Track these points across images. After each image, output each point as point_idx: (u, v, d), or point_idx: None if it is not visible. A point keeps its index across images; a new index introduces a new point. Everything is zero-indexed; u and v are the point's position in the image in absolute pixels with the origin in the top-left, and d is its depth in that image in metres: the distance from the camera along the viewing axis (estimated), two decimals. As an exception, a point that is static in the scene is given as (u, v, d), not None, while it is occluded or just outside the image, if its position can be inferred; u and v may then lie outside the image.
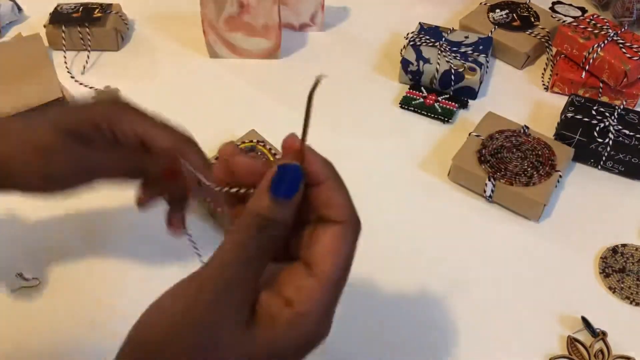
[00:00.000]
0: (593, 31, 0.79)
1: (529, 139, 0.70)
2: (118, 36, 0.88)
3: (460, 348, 0.57)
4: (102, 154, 0.45)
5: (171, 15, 0.95)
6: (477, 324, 0.59)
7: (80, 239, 0.64)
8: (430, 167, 0.73)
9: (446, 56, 0.80)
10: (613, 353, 0.56)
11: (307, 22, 0.91)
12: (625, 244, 0.65)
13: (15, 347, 0.56)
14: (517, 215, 0.68)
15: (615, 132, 0.70)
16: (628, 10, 0.90)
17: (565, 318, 0.59)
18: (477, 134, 0.71)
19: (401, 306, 0.60)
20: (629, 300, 0.60)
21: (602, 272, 0.63)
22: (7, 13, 0.91)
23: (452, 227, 0.67)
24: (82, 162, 0.44)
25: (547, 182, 0.66)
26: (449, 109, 0.79)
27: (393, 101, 0.81)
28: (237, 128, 0.74)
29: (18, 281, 0.60)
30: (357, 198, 0.73)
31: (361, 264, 0.64)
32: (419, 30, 0.85)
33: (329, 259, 0.32)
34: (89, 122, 0.44)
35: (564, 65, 0.81)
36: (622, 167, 0.71)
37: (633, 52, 0.75)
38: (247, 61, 0.87)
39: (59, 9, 0.88)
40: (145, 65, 0.86)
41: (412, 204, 0.69)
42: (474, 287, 0.62)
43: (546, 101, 0.81)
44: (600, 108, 0.73)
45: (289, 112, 0.80)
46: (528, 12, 0.89)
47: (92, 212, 0.67)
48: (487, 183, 0.67)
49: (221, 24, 0.83)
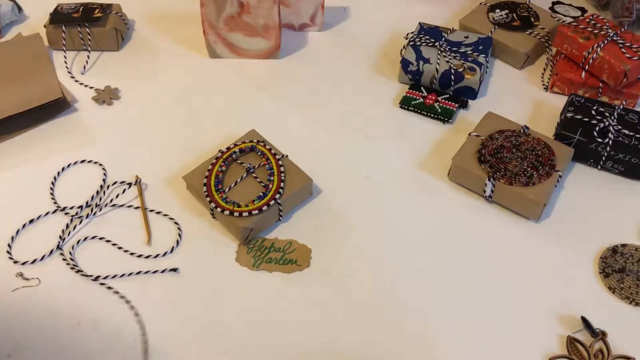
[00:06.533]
0: (593, 31, 0.79)
1: (528, 139, 0.70)
2: (118, 36, 0.88)
3: (460, 347, 0.57)
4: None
5: (171, 15, 0.95)
6: (477, 324, 0.59)
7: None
8: (430, 167, 0.73)
9: (446, 56, 0.80)
10: (613, 353, 0.56)
11: (307, 22, 0.91)
12: (625, 244, 0.65)
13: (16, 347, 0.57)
14: (517, 215, 0.68)
15: (615, 132, 0.70)
16: (628, 10, 0.90)
17: (565, 318, 0.59)
18: (477, 134, 0.71)
19: (401, 305, 0.60)
20: (628, 300, 0.61)
21: (602, 272, 0.63)
22: (7, 13, 0.91)
23: (451, 226, 0.67)
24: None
25: (547, 182, 0.66)
26: (448, 109, 0.79)
27: (393, 101, 0.81)
28: (237, 128, 0.74)
29: (18, 281, 0.61)
30: (358, 198, 0.73)
31: (361, 263, 0.64)
32: (419, 30, 0.85)
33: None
34: None
35: (564, 65, 0.81)
36: (622, 167, 0.71)
37: (633, 52, 0.75)
38: (247, 61, 0.87)
39: (59, 9, 0.88)
40: (145, 65, 0.86)
41: (412, 204, 0.69)
42: (473, 287, 0.62)
43: (546, 101, 0.82)
44: (600, 108, 0.73)
45: (289, 112, 0.80)
46: (528, 12, 0.89)
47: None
48: (487, 183, 0.67)
49: (221, 24, 0.83)
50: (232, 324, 0.58)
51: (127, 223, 0.67)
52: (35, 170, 0.72)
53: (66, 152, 0.74)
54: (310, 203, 0.69)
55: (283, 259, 0.63)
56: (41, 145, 0.75)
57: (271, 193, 0.64)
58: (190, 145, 0.74)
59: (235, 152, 0.69)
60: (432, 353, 0.57)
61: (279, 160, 0.68)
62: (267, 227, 0.66)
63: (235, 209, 0.63)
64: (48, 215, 0.67)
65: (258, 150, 0.69)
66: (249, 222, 0.63)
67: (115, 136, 0.76)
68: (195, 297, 0.60)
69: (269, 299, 0.60)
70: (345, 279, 0.62)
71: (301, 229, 0.66)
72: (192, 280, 0.62)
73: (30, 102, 0.75)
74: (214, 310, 0.59)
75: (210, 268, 0.63)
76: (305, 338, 0.58)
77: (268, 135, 0.72)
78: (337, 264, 0.63)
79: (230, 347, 0.57)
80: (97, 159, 0.73)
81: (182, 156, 0.73)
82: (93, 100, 0.81)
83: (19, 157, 0.74)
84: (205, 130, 0.77)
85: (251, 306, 0.60)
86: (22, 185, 0.70)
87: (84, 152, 0.74)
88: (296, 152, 0.70)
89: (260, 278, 0.62)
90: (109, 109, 0.80)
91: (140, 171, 0.72)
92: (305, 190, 0.68)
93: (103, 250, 0.64)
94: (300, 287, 0.61)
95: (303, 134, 0.77)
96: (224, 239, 0.65)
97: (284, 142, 0.71)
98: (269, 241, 0.65)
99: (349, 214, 0.68)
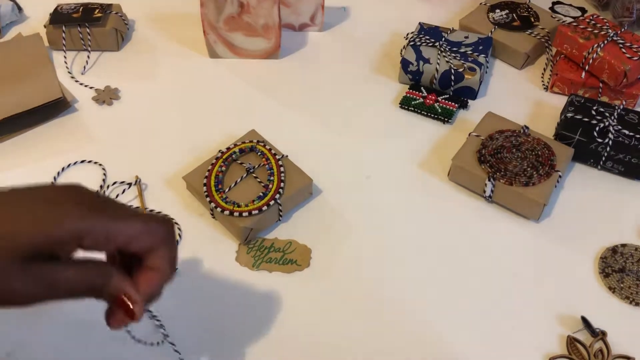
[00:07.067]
0: (593, 31, 0.79)
1: (528, 139, 0.70)
2: (118, 36, 0.88)
3: (460, 348, 0.57)
4: (66, 270, 0.39)
5: (171, 15, 0.95)
6: (477, 324, 0.59)
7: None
8: (430, 167, 0.73)
9: (446, 56, 0.80)
10: (613, 353, 0.56)
11: (307, 22, 0.91)
12: (625, 244, 0.65)
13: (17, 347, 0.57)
14: (517, 215, 0.68)
15: (615, 132, 0.70)
16: (628, 10, 0.90)
17: (565, 318, 0.59)
18: (477, 134, 0.71)
19: (400, 305, 0.60)
20: (628, 300, 0.61)
21: (602, 272, 0.63)
22: (7, 13, 0.91)
23: (452, 227, 0.67)
24: (43, 280, 0.38)
25: (547, 182, 0.66)
26: (448, 109, 0.79)
27: (393, 101, 0.81)
28: (237, 128, 0.74)
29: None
30: (358, 198, 0.73)
31: (361, 263, 0.64)
32: (419, 30, 0.85)
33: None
34: (52, 241, 0.38)
35: (564, 66, 0.81)
36: (621, 167, 0.71)
37: (633, 52, 0.75)
38: (247, 61, 0.87)
39: (59, 9, 0.88)
40: (145, 65, 0.87)
41: (412, 204, 0.69)
42: (473, 287, 0.62)
43: (546, 101, 0.82)
44: (600, 108, 0.73)
45: (289, 112, 0.80)
46: (528, 12, 0.89)
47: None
48: (487, 183, 0.67)
49: (221, 24, 0.83)
50: (232, 323, 0.58)
51: (127, 223, 0.67)
52: (35, 170, 0.72)
53: (66, 152, 0.74)
54: (310, 203, 0.69)
55: (283, 259, 0.63)
56: (41, 145, 0.75)
57: (271, 193, 0.64)
58: (190, 145, 0.74)
59: (235, 152, 0.69)
60: (432, 352, 0.57)
61: (279, 160, 0.68)
62: (267, 227, 0.66)
63: (235, 209, 0.63)
64: (48, 215, 0.67)
65: (258, 151, 0.69)
66: (249, 222, 0.63)
67: (115, 136, 0.76)
68: (195, 296, 0.60)
69: (269, 299, 0.60)
70: (345, 279, 0.62)
71: (301, 229, 0.66)
72: (192, 280, 0.62)
73: (30, 102, 0.75)
74: (213, 310, 0.59)
75: (210, 268, 0.63)
76: (306, 338, 0.58)
77: (268, 135, 0.72)
78: (337, 264, 0.63)
79: (230, 347, 0.57)
80: (97, 159, 0.73)
81: (182, 156, 0.73)
82: (93, 100, 0.81)
83: (19, 157, 0.74)
84: (205, 130, 0.77)
85: (251, 306, 0.60)
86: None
87: (84, 152, 0.74)
88: (296, 152, 0.70)
89: (260, 278, 0.62)
90: (109, 109, 0.80)
91: (140, 171, 0.72)
92: (305, 190, 0.68)
93: (103, 250, 0.64)
94: (300, 287, 0.61)
95: (303, 134, 0.77)
96: (224, 239, 0.65)
97: (284, 142, 0.71)
98: (269, 241, 0.65)
99: (349, 214, 0.68)
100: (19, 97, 0.75)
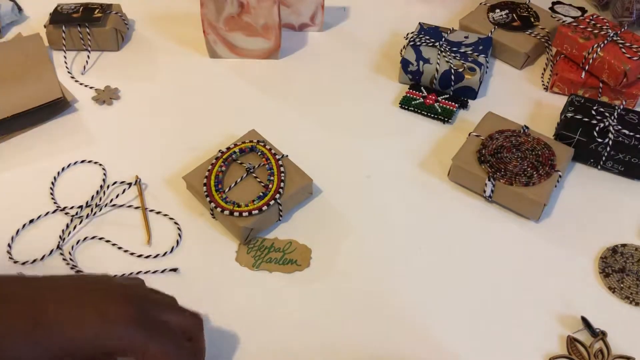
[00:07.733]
0: (593, 31, 0.79)
1: (528, 139, 0.70)
2: (118, 36, 0.88)
3: (460, 348, 0.57)
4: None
5: (171, 15, 0.95)
6: (477, 324, 0.59)
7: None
8: (430, 167, 0.73)
9: (446, 56, 0.80)
10: (613, 353, 0.56)
11: (307, 22, 0.91)
12: (625, 244, 0.65)
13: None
14: (517, 215, 0.68)
15: (615, 132, 0.70)
16: (628, 10, 0.90)
17: (565, 318, 0.59)
18: (477, 134, 0.71)
19: (400, 305, 0.60)
20: (628, 300, 0.61)
21: (602, 272, 0.63)
22: (7, 13, 0.91)
23: (451, 227, 0.67)
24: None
25: (547, 182, 0.66)
26: (448, 109, 0.79)
27: (393, 101, 0.81)
28: (237, 128, 0.74)
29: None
30: (357, 198, 0.73)
31: (361, 263, 0.64)
32: (419, 31, 0.85)
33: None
34: (101, 352, 0.43)
35: (564, 65, 0.81)
36: (621, 167, 0.71)
37: (633, 52, 0.75)
38: (247, 61, 0.87)
39: (59, 9, 0.88)
40: (145, 65, 0.87)
41: (412, 204, 0.69)
42: (473, 287, 0.62)
43: (546, 101, 0.82)
44: (600, 108, 0.73)
45: (289, 112, 0.80)
46: (528, 12, 0.89)
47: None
48: (487, 183, 0.67)
49: (221, 24, 0.83)
50: (231, 323, 0.58)
51: (127, 223, 0.67)
52: (35, 170, 0.72)
53: (66, 152, 0.74)
54: (310, 203, 0.69)
55: (283, 259, 0.63)
56: (41, 145, 0.75)
57: (271, 193, 0.64)
58: (190, 145, 0.74)
59: (235, 152, 0.69)
60: (432, 352, 0.57)
61: (279, 160, 0.68)
62: (267, 227, 0.66)
63: (235, 209, 0.63)
64: (48, 215, 0.67)
65: (258, 150, 0.69)
66: (249, 222, 0.63)
67: (115, 136, 0.76)
68: (195, 296, 0.60)
69: (269, 299, 0.60)
70: (345, 279, 0.62)
71: (301, 229, 0.66)
72: (192, 280, 0.62)
73: (30, 102, 0.75)
74: (213, 310, 0.59)
75: (210, 268, 0.63)
76: (306, 338, 0.58)
77: (268, 135, 0.72)
78: (337, 264, 0.63)
79: (230, 347, 0.57)
80: (97, 159, 0.73)
81: (182, 156, 0.73)
82: (93, 100, 0.81)
83: (19, 157, 0.74)
84: (205, 130, 0.77)
85: (251, 306, 0.60)
86: (22, 185, 0.70)
87: (84, 152, 0.74)
88: (296, 152, 0.70)
89: (260, 278, 0.62)
90: (109, 109, 0.80)
91: (140, 171, 0.72)
92: (305, 190, 0.68)
93: (103, 250, 0.64)
94: (300, 287, 0.61)
95: (303, 134, 0.77)
96: (224, 239, 0.65)
97: (284, 142, 0.71)
98: (269, 241, 0.65)
99: (349, 214, 0.68)
100: (19, 97, 0.75)
